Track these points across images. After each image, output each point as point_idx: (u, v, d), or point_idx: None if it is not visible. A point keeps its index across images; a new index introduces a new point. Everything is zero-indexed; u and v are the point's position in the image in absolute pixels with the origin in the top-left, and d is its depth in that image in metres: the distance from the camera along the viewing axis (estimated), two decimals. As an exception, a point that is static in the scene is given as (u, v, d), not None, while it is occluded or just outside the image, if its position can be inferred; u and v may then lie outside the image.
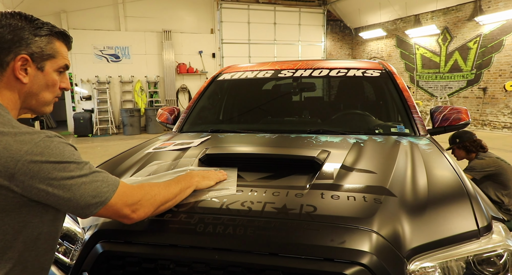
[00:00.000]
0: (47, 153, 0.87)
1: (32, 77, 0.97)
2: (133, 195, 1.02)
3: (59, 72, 1.04)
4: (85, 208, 0.93)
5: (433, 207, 1.21)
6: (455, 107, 2.27)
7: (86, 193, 0.92)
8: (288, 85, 2.79)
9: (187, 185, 1.24)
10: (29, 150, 0.86)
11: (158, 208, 1.11)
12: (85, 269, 1.17)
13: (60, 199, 0.89)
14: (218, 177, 1.39)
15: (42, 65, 0.98)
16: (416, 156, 1.63)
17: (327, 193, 1.26)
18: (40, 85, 1.00)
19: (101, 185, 0.95)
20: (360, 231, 1.07)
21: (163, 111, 2.81)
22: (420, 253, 1.07)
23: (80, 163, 0.93)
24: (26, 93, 0.98)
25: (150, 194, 1.08)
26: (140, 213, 1.04)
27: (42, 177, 0.86)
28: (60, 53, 1.02)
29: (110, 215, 1.00)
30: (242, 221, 1.13)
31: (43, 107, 1.04)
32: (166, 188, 1.15)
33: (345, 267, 0.99)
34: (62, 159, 0.89)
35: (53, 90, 1.03)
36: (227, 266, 1.06)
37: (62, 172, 0.89)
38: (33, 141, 0.88)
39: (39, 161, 0.86)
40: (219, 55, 12.95)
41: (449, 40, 11.12)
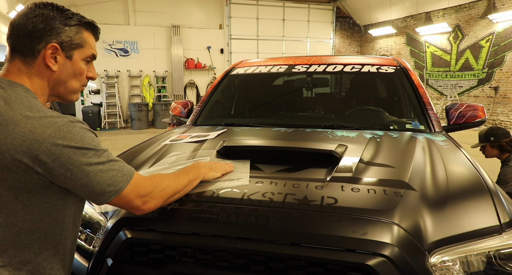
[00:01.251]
0: (69, 138, 0.91)
1: (61, 65, 1.01)
2: (145, 187, 1.05)
3: (87, 61, 1.07)
4: (100, 195, 0.95)
5: (454, 202, 1.21)
6: (471, 104, 2.26)
7: (101, 181, 0.94)
8: (302, 80, 2.79)
9: (194, 177, 1.27)
10: (52, 133, 0.89)
11: (168, 199, 1.14)
12: (109, 255, 1.19)
13: (76, 184, 0.92)
14: (224, 168, 1.42)
15: (70, 53, 1.02)
16: (434, 152, 1.63)
17: (347, 185, 1.27)
18: (68, 73, 1.03)
19: (116, 174, 0.98)
20: (382, 223, 1.07)
21: (176, 104, 2.83)
22: (441, 247, 1.07)
23: (99, 150, 0.96)
24: (55, 80, 1.02)
25: (161, 186, 1.10)
26: (150, 205, 1.07)
27: (62, 161, 0.89)
28: (88, 43, 1.06)
29: (121, 205, 1.03)
30: (264, 211, 1.14)
31: (70, 95, 1.08)
32: (175, 179, 1.17)
33: (367, 258, 1.00)
34: (82, 145, 0.92)
35: (80, 78, 1.06)
36: (250, 255, 1.07)
37: (81, 158, 0.91)
38: (56, 124, 0.91)
39: (61, 145, 0.89)
40: (227, 50, 12.94)
41: (461, 38, 11.00)
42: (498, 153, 3.26)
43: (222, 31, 13.05)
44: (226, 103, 2.82)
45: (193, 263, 1.11)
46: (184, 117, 2.75)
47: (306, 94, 2.90)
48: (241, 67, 2.90)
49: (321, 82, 2.79)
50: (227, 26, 12.73)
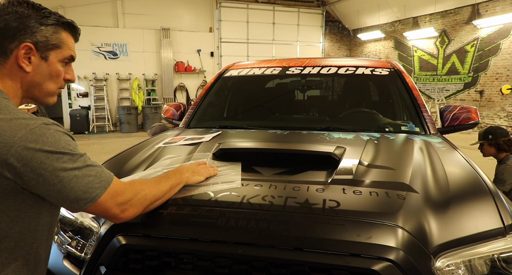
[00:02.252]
0: (42, 141, 0.85)
1: (36, 66, 0.96)
2: (124, 194, 0.99)
3: (64, 63, 1.02)
4: (74, 202, 0.90)
5: (456, 204, 1.20)
6: (465, 107, 2.27)
7: (76, 187, 0.89)
8: (296, 83, 2.77)
9: (177, 182, 1.21)
10: (24, 136, 0.83)
11: (148, 207, 1.09)
12: (102, 262, 1.14)
13: (49, 190, 0.87)
14: (208, 172, 1.37)
15: (46, 54, 0.97)
16: (432, 153, 1.62)
17: (349, 188, 1.24)
18: (44, 75, 0.98)
19: (93, 181, 0.92)
20: (386, 227, 1.05)
21: (169, 106, 2.78)
22: (446, 250, 1.05)
23: (75, 154, 0.90)
24: (28, 82, 0.96)
25: (141, 193, 1.05)
26: (129, 213, 1.02)
27: (34, 166, 0.83)
28: (66, 44, 1.00)
29: (98, 213, 0.97)
30: (265, 215, 1.11)
31: (46, 98, 1.02)
32: (156, 185, 1.12)
33: (373, 263, 0.97)
34: (57, 149, 0.86)
35: (57, 80, 1.01)
36: (251, 260, 1.03)
37: (55, 162, 0.86)
38: (28, 127, 0.85)
39: (33, 149, 0.83)
40: (217, 54, 12.91)
41: (447, 43, 11.19)
42: (495, 152, 3.27)
43: (212, 34, 13.02)
44: (220, 106, 2.78)
45: (191, 270, 1.07)
46: (177, 119, 2.70)
47: (301, 96, 2.88)
48: (234, 69, 2.87)
49: (315, 85, 2.78)
50: (217, 29, 12.71)
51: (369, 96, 2.77)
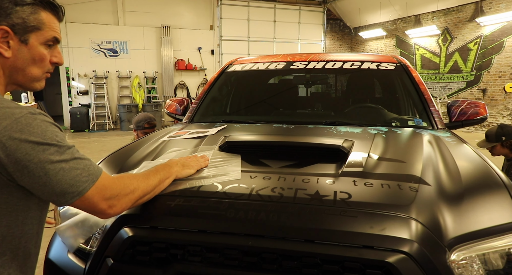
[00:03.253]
0: (27, 131, 0.81)
1: (15, 51, 0.89)
2: (112, 189, 0.95)
3: (48, 45, 0.95)
4: (60, 196, 0.86)
5: (470, 197, 1.18)
6: (473, 101, 2.25)
7: (63, 180, 0.85)
8: (301, 77, 2.74)
9: (166, 176, 1.17)
10: (8, 125, 0.79)
11: (136, 202, 1.05)
12: (109, 255, 1.11)
13: (34, 183, 0.83)
14: (199, 164, 1.34)
15: (25, 37, 0.90)
16: (442, 147, 1.59)
17: (360, 180, 1.22)
18: (25, 59, 0.91)
19: (80, 174, 0.88)
20: (400, 219, 1.03)
21: (172, 102, 2.76)
22: (461, 243, 1.03)
23: (62, 146, 0.86)
24: (10, 67, 0.91)
25: (130, 188, 1.01)
26: (117, 209, 0.98)
27: (19, 157, 0.80)
28: (47, 25, 0.93)
29: (85, 208, 0.93)
30: (275, 206, 1.08)
31: (31, 83, 0.96)
32: (145, 180, 1.08)
33: (387, 255, 0.95)
34: (43, 140, 0.82)
35: (41, 65, 0.95)
36: (261, 252, 1.01)
37: (41, 154, 0.82)
38: (13, 116, 0.81)
39: (18, 139, 0.80)
40: (218, 52, 12.87)
41: (449, 41, 11.15)
42: (508, 152, 3.20)
43: (213, 32, 12.98)
44: (224, 100, 2.75)
45: (200, 262, 1.05)
46: (180, 114, 2.68)
47: (305, 91, 2.86)
48: (238, 64, 2.84)
49: (320, 79, 2.75)
50: (218, 27, 12.67)
51: (375, 91, 2.75)
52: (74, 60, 11.45)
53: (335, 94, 3.00)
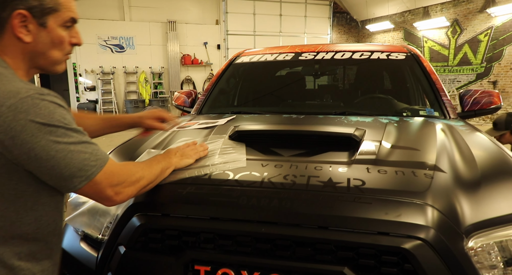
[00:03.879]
0: (33, 112, 0.78)
1: (35, 35, 0.87)
2: (119, 175, 0.93)
3: (66, 27, 0.93)
4: (69, 180, 0.83)
5: (487, 184, 1.15)
6: (486, 90, 2.20)
7: (71, 164, 0.82)
8: (310, 68, 2.71)
9: (167, 166, 1.15)
10: (13, 105, 0.76)
11: (140, 190, 1.02)
12: (121, 243, 1.11)
13: (41, 167, 0.80)
14: (198, 154, 1.31)
15: (44, 20, 0.88)
16: (456, 135, 1.57)
17: (373, 168, 1.20)
18: (45, 43, 0.90)
19: (89, 158, 0.85)
20: (416, 205, 1.01)
21: (180, 94, 2.74)
22: (478, 231, 1.01)
23: (70, 129, 0.84)
24: (30, 52, 0.89)
25: (136, 176, 0.98)
26: (123, 196, 0.95)
27: (24, 138, 0.77)
28: (64, 5, 0.91)
29: (91, 194, 0.90)
30: (288, 194, 1.07)
31: (53, 67, 0.95)
32: (149, 169, 1.06)
33: (403, 242, 0.93)
34: (50, 122, 0.79)
35: (61, 47, 0.93)
36: (275, 239, 1.00)
37: (48, 136, 0.79)
38: (19, 95, 0.78)
39: (23, 119, 0.76)
40: (224, 46, 12.84)
41: (459, 33, 10.98)
42: None
43: (219, 26, 12.94)
44: (232, 92, 2.74)
45: (212, 249, 1.04)
46: (188, 106, 2.66)
47: (314, 82, 2.83)
48: (245, 56, 2.82)
49: (330, 70, 2.72)
50: (224, 21, 12.62)
51: (385, 81, 2.71)
52: (81, 56, 11.51)
53: (344, 85, 2.97)
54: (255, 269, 1.00)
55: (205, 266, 1.03)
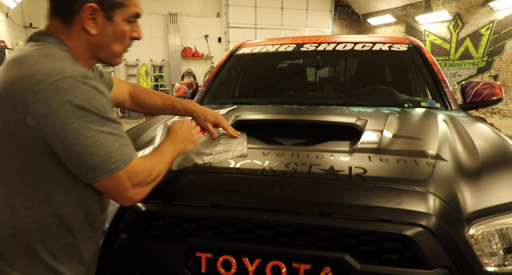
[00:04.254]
0: (72, 93, 0.78)
1: (101, 28, 0.91)
2: (141, 175, 0.91)
3: (129, 21, 0.96)
4: (91, 169, 0.82)
5: (489, 172, 1.15)
6: (488, 82, 2.19)
7: (97, 153, 0.81)
8: (311, 60, 2.70)
9: (176, 153, 1.11)
10: (54, 83, 0.77)
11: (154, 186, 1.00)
12: (122, 230, 1.11)
13: (67, 150, 0.79)
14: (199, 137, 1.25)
15: (111, 14, 0.91)
16: (457, 125, 1.56)
17: (375, 156, 1.20)
18: (109, 36, 0.93)
19: (116, 151, 0.83)
20: (417, 193, 1.01)
21: (180, 85, 2.73)
22: (479, 218, 1.01)
23: (106, 118, 0.83)
24: (94, 44, 0.92)
25: (154, 174, 0.96)
26: (141, 196, 0.93)
27: (57, 117, 0.77)
28: (131, 1, 0.94)
29: (110, 190, 0.87)
30: (289, 181, 1.07)
31: (112, 59, 0.99)
32: (163, 163, 1.02)
33: (404, 229, 0.94)
34: (86, 106, 0.79)
35: (122, 41, 0.96)
36: (276, 226, 1.00)
37: (81, 120, 0.79)
38: (62, 74, 0.79)
39: (60, 98, 0.77)
40: (225, 39, 12.76)
41: (461, 27, 10.91)
42: None
43: (220, 19, 12.85)
44: (233, 83, 2.73)
45: (214, 236, 1.04)
46: (189, 98, 2.66)
47: (316, 73, 2.82)
48: (247, 47, 2.80)
49: (331, 61, 2.71)
50: (225, 14, 12.53)
51: (387, 72, 2.70)
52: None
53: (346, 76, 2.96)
54: (256, 256, 1.00)
55: (206, 253, 1.03)
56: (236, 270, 1.00)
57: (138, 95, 1.33)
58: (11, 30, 9.61)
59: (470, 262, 0.94)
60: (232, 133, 1.38)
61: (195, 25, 12.52)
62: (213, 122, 1.36)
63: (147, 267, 1.10)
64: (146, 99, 1.33)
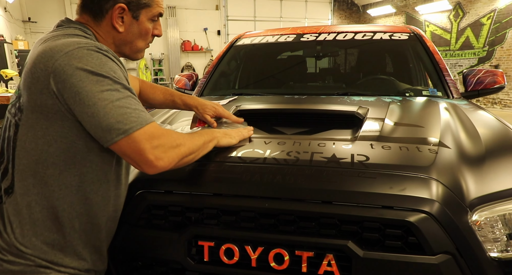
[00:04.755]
0: (86, 60, 0.85)
1: (128, 26, 1.00)
2: (160, 138, 0.89)
3: (153, 20, 1.05)
4: (106, 131, 0.84)
5: (492, 159, 1.15)
6: (490, 70, 2.17)
7: (110, 114, 0.83)
8: (312, 50, 2.67)
9: (209, 139, 1.09)
10: (70, 52, 0.85)
11: (182, 159, 0.96)
12: (124, 220, 1.11)
13: (83, 112, 0.84)
14: (242, 134, 1.26)
15: (137, 14, 1.00)
16: (459, 113, 1.55)
17: (377, 144, 1.19)
18: (134, 34, 1.02)
19: (130, 113, 0.85)
20: (420, 179, 1.00)
21: (180, 77, 2.72)
22: (482, 204, 1.00)
23: (118, 82, 0.87)
24: (120, 40, 1.02)
25: (177, 142, 0.93)
26: (164, 162, 0.89)
27: (73, 82, 0.83)
28: (155, 2, 1.02)
29: (130, 153, 0.87)
30: (291, 169, 1.07)
31: (135, 54, 1.08)
32: (191, 139, 0.99)
33: (407, 215, 0.93)
34: (99, 71, 0.85)
35: (145, 38, 1.05)
36: (278, 214, 1.00)
37: (94, 84, 0.84)
38: (78, 44, 0.86)
39: (74, 65, 0.83)
40: (224, 32, 12.71)
41: (461, 16, 10.83)
42: None
43: (219, 12, 12.78)
44: (233, 74, 2.71)
45: (216, 224, 1.04)
46: (189, 89, 2.65)
47: (316, 64, 2.80)
48: (247, 38, 2.78)
49: (332, 51, 2.68)
50: (224, 7, 12.46)
51: (388, 61, 2.68)
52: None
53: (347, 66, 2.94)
54: (259, 244, 1.00)
55: (208, 242, 1.03)
56: (239, 258, 1.00)
57: (145, 90, 1.38)
58: (9, 24, 9.56)
59: (473, 248, 0.94)
60: (235, 120, 1.40)
61: (194, 18, 12.45)
62: (212, 114, 1.37)
63: (150, 257, 1.10)
64: (151, 94, 1.39)
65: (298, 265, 0.97)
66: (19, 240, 0.90)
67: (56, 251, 0.93)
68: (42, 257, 0.91)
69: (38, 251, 0.91)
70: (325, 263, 0.95)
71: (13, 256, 0.90)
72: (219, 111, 1.38)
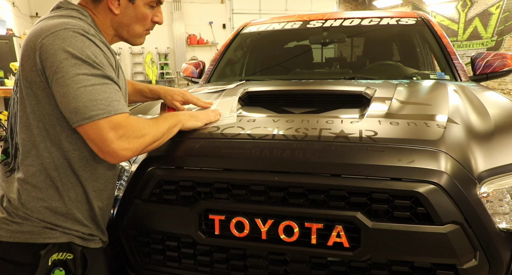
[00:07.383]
0: (69, 42, 0.87)
1: (123, 8, 1.03)
2: (125, 129, 0.90)
3: (151, 6, 1.07)
4: (73, 112, 0.87)
5: (500, 133, 1.15)
6: (499, 53, 2.15)
7: (79, 98, 0.86)
8: (318, 36, 2.67)
9: (174, 123, 1.10)
10: (56, 32, 0.88)
11: (145, 148, 0.98)
12: (137, 196, 1.14)
13: (56, 91, 0.88)
14: (208, 118, 1.26)
15: None
16: (468, 93, 1.55)
17: (385, 120, 1.19)
18: (131, 17, 1.05)
19: (100, 100, 0.87)
20: (429, 152, 1.01)
21: (188, 65, 2.74)
22: (491, 177, 1.01)
23: (97, 68, 0.90)
24: (117, 23, 1.05)
25: (142, 132, 0.95)
26: (127, 152, 0.91)
27: (53, 61, 0.86)
28: None
29: (93, 139, 0.88)
30: (300, 144, 1.08)
31: (134, 38, 1.11)
32: (156, 126, 1.02)
33: (416, 186, 0.94)
34: (79, 54, 0.87)
35: (143, 23, 1.08)
36: (288, 187, 1.01)
37: (72, 66, 0.86)
38: (65, 25, 0.89)
39: (57, 45, 0.86)
40: (229, 26, 12.66)
41: (469, 6, 10.67)
42: None
43: (224, 5, 12.72)
44: (240, 62, 2.72)
45: (226, 199, 1.06)
46: (196, 77, 2.66)
47: (322, 50, 2.79)
48: (253, 26, 2.79)
49: (338, 37, 2.68)
50: (229, 0, 12.40)
51: (395, 46, 2.67)
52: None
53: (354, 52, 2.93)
54: (269, 217, 1.01)
55: (219, 215, 1.04)
56: (249, 231, 1.02)
57: None
58: (18, 19, 9.63)
59: (482, 218, 0.95)
60: (203, 104, 1.43)
61: (200, 11, 12.41)
62: (181, 101, 1.38)
63: (161, 231, 1.12)
64: None
65: (308, 237, 0.99)
66: (26, 205, 0.95)
67: (59, 216, 0.97)
68: (47, 221, 0.96)
69: (43, 215, 0.96)
70: (334, 235, 0.97)
71: (21, 219, 0.95)
72: (187, 97, 1.39)
